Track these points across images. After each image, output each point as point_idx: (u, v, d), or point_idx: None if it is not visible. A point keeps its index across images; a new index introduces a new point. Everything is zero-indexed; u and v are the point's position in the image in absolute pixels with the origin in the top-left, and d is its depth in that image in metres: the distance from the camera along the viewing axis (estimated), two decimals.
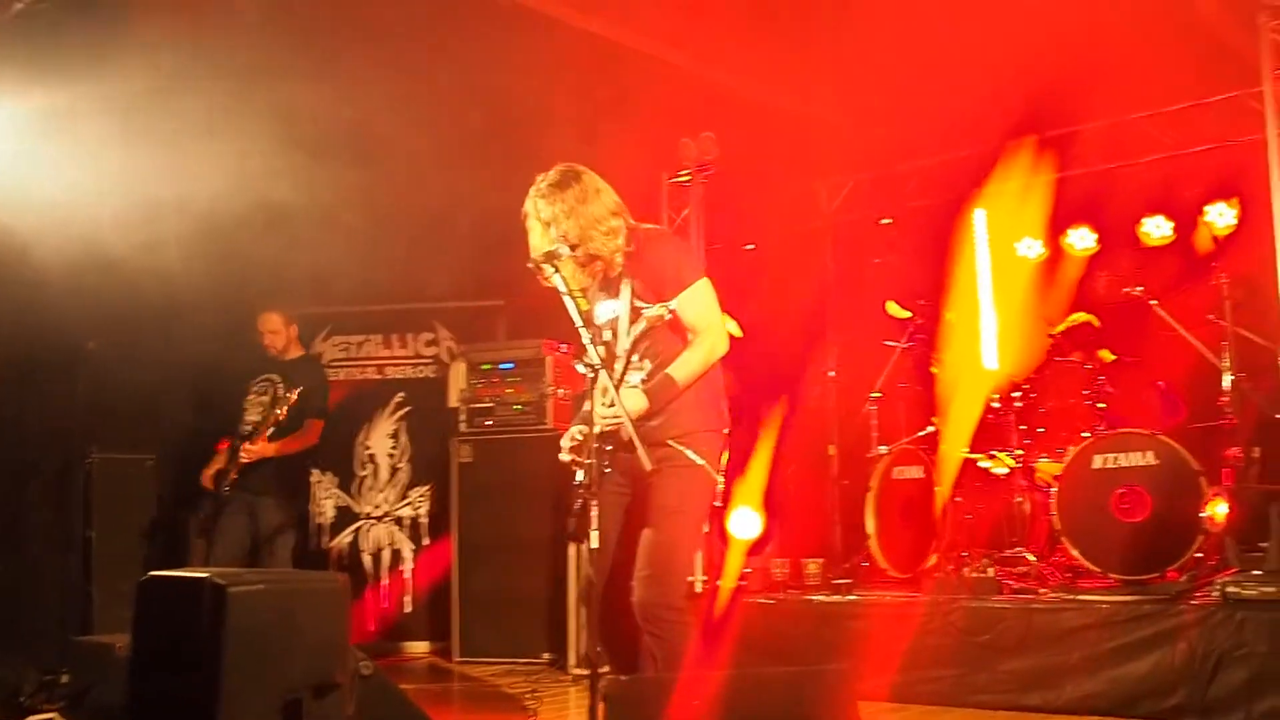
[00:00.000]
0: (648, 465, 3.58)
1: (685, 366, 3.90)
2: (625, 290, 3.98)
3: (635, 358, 3.92)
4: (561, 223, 3.93)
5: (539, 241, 3.99)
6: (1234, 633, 5.05)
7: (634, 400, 3.81)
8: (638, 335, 3.88)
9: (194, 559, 6.94)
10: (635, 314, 3.92)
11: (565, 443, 3.94)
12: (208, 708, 3.37)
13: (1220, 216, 7.31)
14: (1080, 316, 7.22)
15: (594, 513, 3.64)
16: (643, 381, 3.92)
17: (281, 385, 6.77)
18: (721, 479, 4.13)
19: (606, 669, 5.91)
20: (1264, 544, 5.55)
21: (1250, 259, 6.62)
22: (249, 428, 6.71)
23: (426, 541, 8.03)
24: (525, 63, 6.80)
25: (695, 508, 4.02)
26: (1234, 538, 5.69)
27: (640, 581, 3.83)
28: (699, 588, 6.85)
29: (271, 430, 6.57)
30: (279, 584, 3.65)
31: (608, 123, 6.90)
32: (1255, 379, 6.40)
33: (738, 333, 6.52)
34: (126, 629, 3.97)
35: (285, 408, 6.51)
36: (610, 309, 4.04)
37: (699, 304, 3.96)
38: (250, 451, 6.55)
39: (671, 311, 3.88)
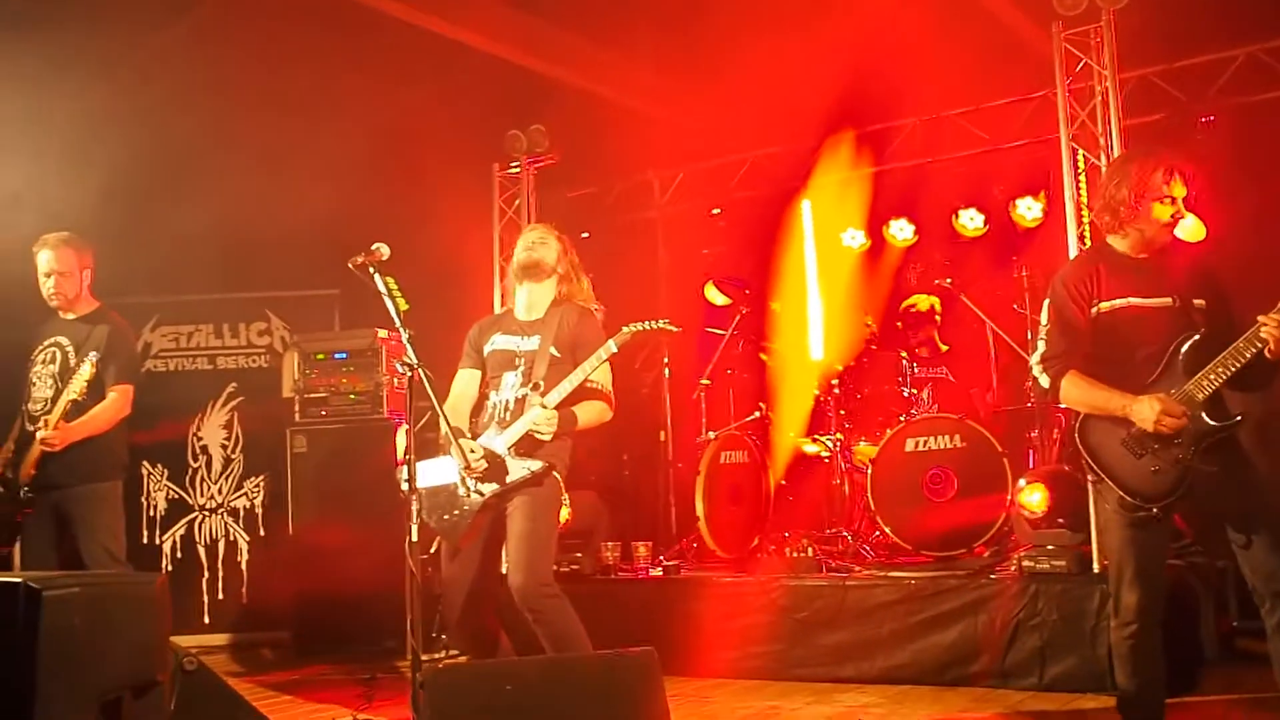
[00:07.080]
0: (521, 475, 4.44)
1: (587, 413, 4.63)
2: (541, 336, 4.68)
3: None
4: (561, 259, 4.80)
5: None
6: (1029, 603, 5.43)
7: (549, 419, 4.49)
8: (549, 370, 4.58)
9: None
10: (550, 358, 4.62)
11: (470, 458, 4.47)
12: (23, 712, 3.35)
13: (1029, 210, 7.67)
14: (924, 299, 7.51)
15: (414, 507, 4.02)
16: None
17: (71, 351, 5.42)
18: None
19: (441, 655, 5.99)
20: (1060, 520, 5.93)
21: (1055, 250, 7.00)
22: (38, 407, 5.38)
23: (262, 532, 7.98)
24: (354, 58, 6.79)
25: (556, 509, 4.66)
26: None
27: (513, 569, 4.38)
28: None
29: (69, 409, 5.20)
30: (94, 586, 3.63)
31: (437, 115, 6.93)
32: None
33: None
34: None
35: (84, 382, 5.14)
36: (514, 343, 4.73)
37: (608, 373, 4.73)
38: (49, 442, 5.17)
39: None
